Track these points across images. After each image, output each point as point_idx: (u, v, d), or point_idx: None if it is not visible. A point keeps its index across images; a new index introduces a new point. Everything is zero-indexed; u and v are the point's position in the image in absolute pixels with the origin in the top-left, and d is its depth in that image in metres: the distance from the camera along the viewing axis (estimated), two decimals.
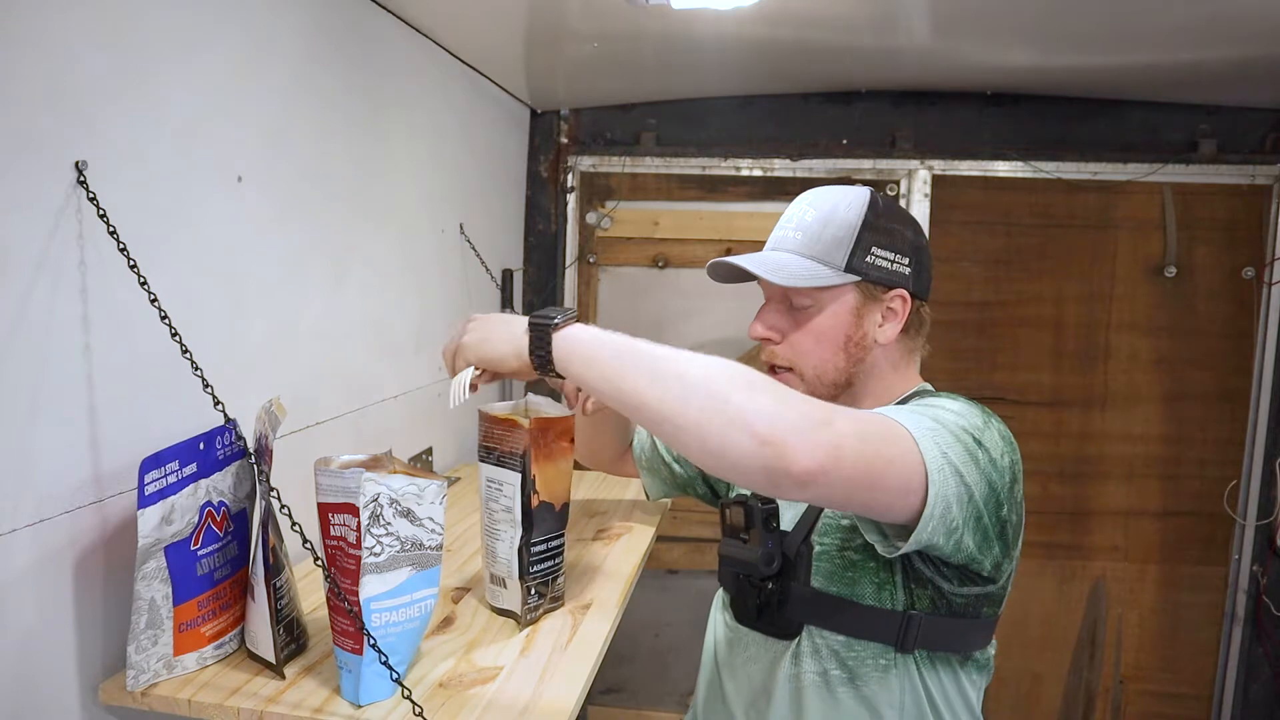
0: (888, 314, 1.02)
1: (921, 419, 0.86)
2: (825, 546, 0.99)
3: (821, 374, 1.02)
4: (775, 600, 1.00)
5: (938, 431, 0.85)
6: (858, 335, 1.01)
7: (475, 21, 1.61)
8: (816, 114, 2.22)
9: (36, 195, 0.78)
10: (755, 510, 1.00)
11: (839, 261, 0.99)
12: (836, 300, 1.01)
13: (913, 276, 1.02)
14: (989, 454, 0.88)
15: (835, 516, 0.99)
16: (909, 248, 1.02)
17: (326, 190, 1.29)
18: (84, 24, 0.82)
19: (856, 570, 0.97)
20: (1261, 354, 2.18)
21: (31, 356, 0.78)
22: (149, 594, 0.83)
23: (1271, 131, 2.13)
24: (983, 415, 0.93)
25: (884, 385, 1.05)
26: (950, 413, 0.90)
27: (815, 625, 0.99)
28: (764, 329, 1.04)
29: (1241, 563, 2.23)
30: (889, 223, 1.01)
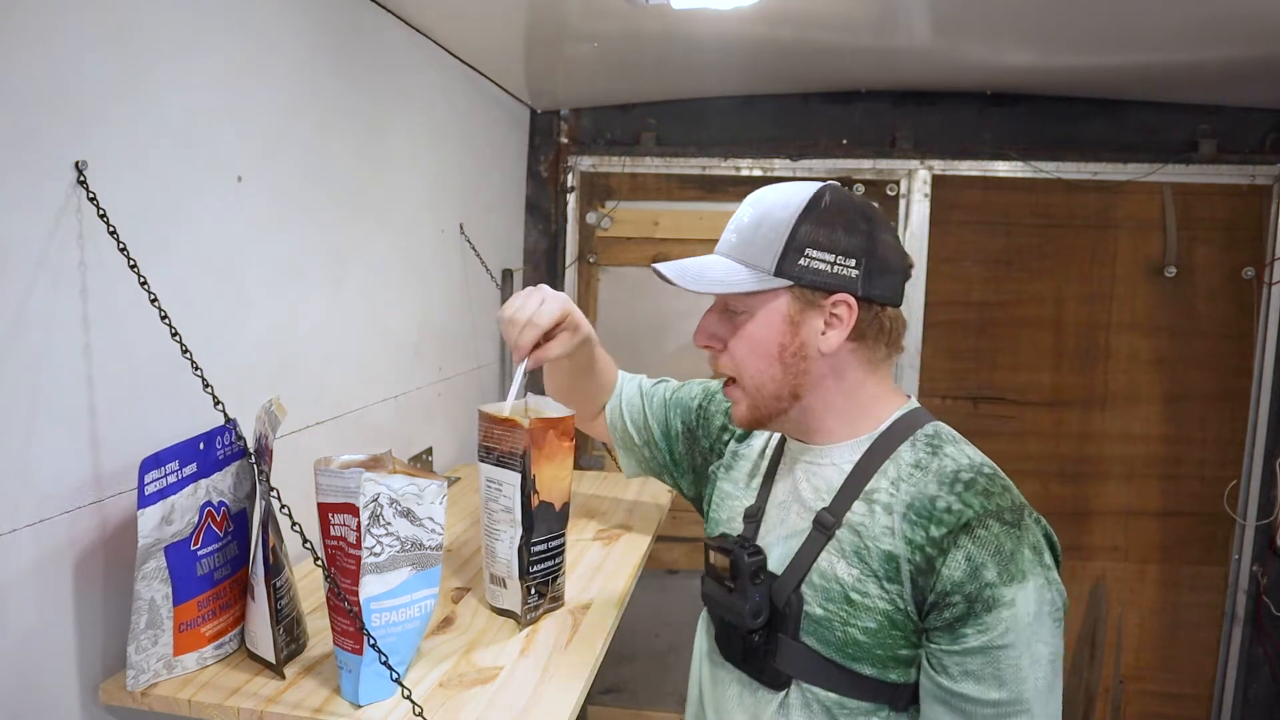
0: (831, 321, 0.91)
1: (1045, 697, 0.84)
2: (827, 613, 0.89)
3: (760, 385, 0.94)
4: (762, 650, 0.93)
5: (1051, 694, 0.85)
6: (794, 344, 0.92)
7: (475, 21, 1.61)
8: (816, 114, 2.22)
9: (36, 195, 0.78)
10: (742, 562, 0.93)
11: (768, 265, 0.90)
12: (768, 307, 0.92)
13: (862, 280, 0.90)
14: (1061, 629, 0.87)
15: (841, 584, 0.89)
16: (857, 248, 0.90)
17: (326, 190, 1.29)
18: (84, 24, 0.82)
19: (859, 649, 0.88)
20: (1261, 354, 2.18)
21: (31, 356, 0.78)
22: (149, 594, 0.83)
23: (1271, 131, 2.13)
24: (1047, 554, 0.87)
25: (848, 402, 0.95)
26: (1039, 626, 0.84)
27: (805, 682, 0.91)
28: (704, 337, 0.97)
29: (1241, 563, 2.23)
30: (833, 222, 0.90)
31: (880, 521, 0.88)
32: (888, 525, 0.87)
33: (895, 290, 0.93)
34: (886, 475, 0.90)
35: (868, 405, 0.95)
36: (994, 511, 0.84)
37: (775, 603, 0.92)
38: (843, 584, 0.89)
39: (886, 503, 0.88)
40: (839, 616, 0.89)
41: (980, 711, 0.83)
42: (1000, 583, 0.82)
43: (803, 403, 0.94)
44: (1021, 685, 0.82)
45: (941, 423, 0.96)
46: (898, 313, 0.95)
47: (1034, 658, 0.83)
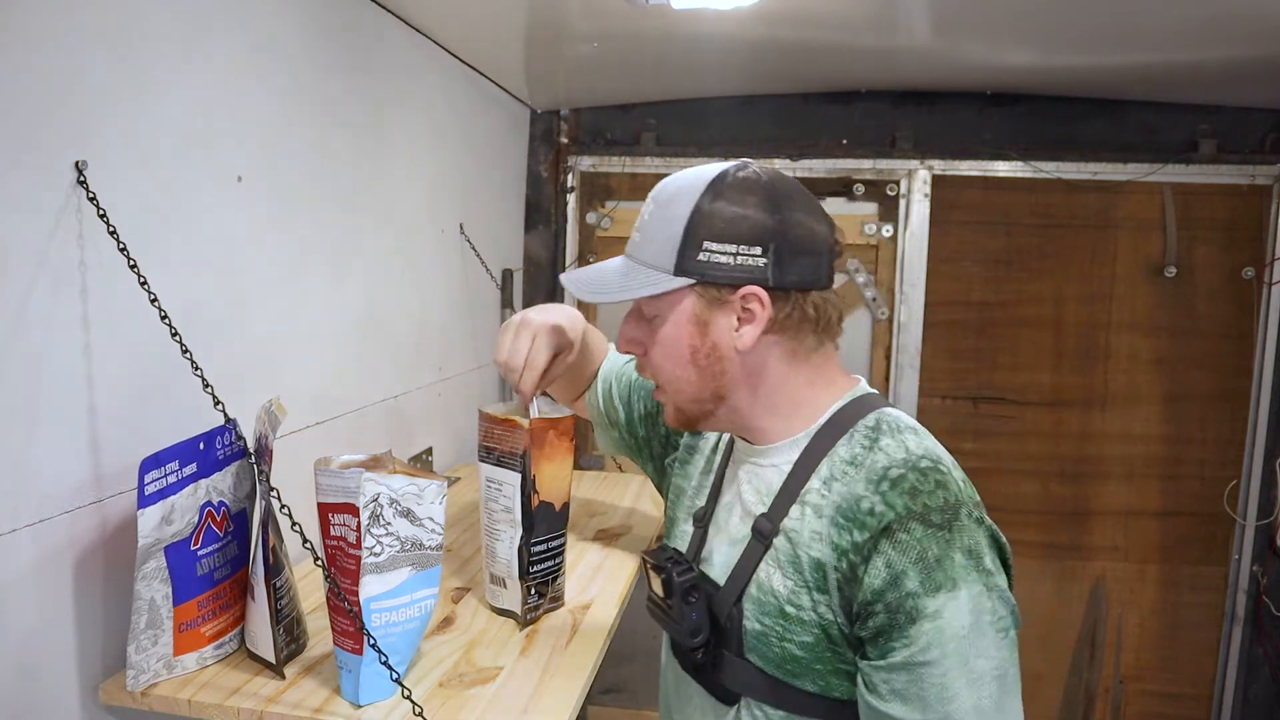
0: (744, 316, 0.84)
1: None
2: (764, 628, 0.84)
3: (678, 390, 0.89)
4: (709, 666, 0.89)
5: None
6: (705, 346, 0.85)
7: (475, 21, 1.61)
8: (816, 114, 2.22)
9: (36, 195, 0.78)
10: (673, 581, 0.87)
11: (668, 264, 0.83)
12: (675, 309, 0.85)
13: (772, 268, 0.82)
14: (1010, 632, 0.77)
15: (777, 597, 0.83)
16: (763, 234, 0.81)
17: (326, 190, 1.29)
18: (85, 24, 0.82)
19: (798, 665, 0.83)
20: (1261, 354, 2.18)
21: (31, 356, 0.78)
22: (149, 594, 0.83)
23: (1271, 131, 2.12)
24: (989, 558, 0.78)
25: (778, 399, 0.88)
26: (979, 643, 0.75)
27: (753, 699, 0.87)
28: (624, 343, 0.92)
29: (1241, 563, 2.23)
30: (733, 207, 0.82)
31: (810, 526, 0.82)
32: (817, 530, 0.81)
33: (817, 272, 0.84)
34: (820, 475, 0.84)
35: (802, 399, 0.88)
36: (918, 513, 0.77)
37: (717, 618, 0.87)
38: (778, 596, 0.83)
39: (817, 505, 0.82)
40: (775, 631, 0.83)
41: None
42: (924, 592, 0.74)
43: (728, 403, 0.88)
44: (948, 706, 0.74)
45: (890, 409, 0.88)
46: (827, 295, 0.86)
47: (972, 676, 0.74)
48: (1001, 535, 0.81)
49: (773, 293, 0.83)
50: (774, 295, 0.83)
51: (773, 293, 0.83)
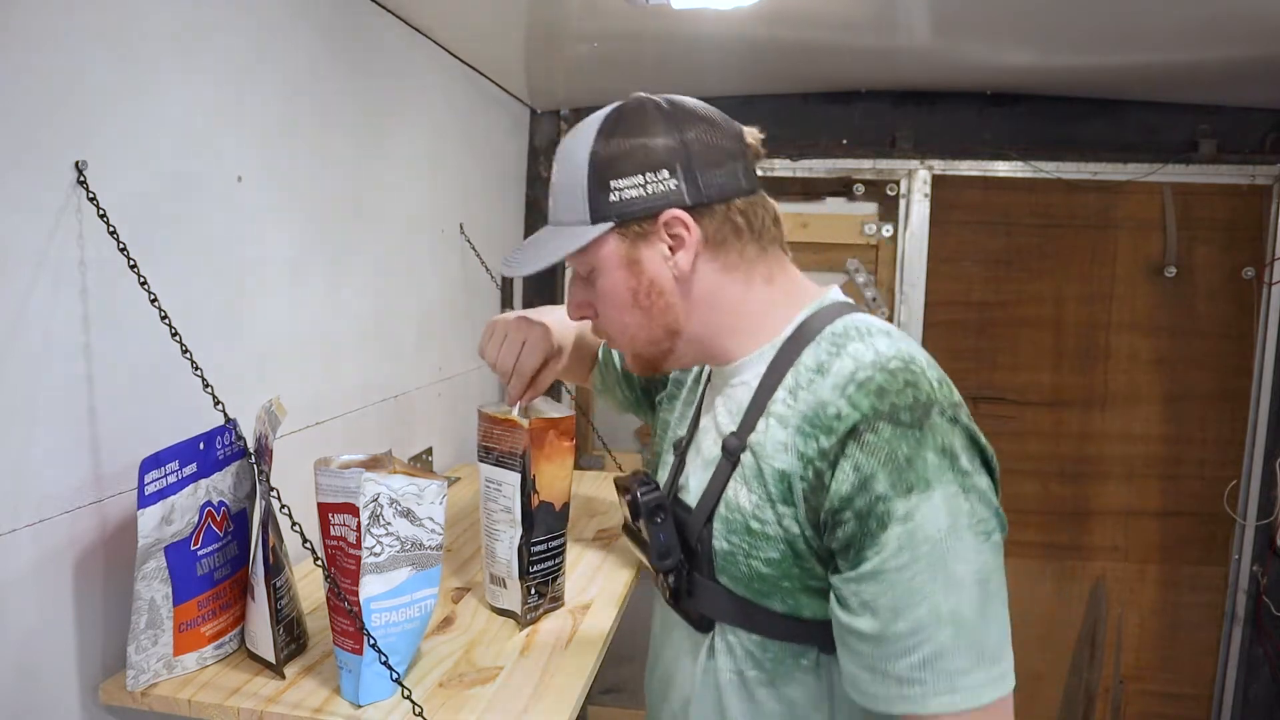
0: (673, 243, 0.81)
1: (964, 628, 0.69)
2: (732, 546, 0.82)
3: (631, 336, 0.86)
4: (683, 590, 0.87)
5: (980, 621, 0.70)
6: (643, 285, 0.82)
7: (475, 21, 1.61)
8: (816, 114, 2.22)
9: (36, 195, 0.78)
10: (638, 501, 0.86)
11: (583, 215, 0.82)
12: (602, 257, 0.83)
13: (685, 187, 0.79)
14: (988, 525, 0.73)
15: (742, 513, 0.80)
16: (665, 157, 0.79)
17: (326, 190, 1.29)
18: (85, 24, 0.82)
19: (765, 583, 0.81)
20: (1261, 354, 2.18)
21: (31, 356, 0.78)
22: (149, 594, 0.83)
23: (1271, 131, 2.12)
24: (966, 458, 0.73)
25: (737, 318, 0.84)
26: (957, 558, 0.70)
27: (726, 623, 0.85)
28: (574, 309, 0.90)
29: (1241, 563, 2.23)
30: (629, 141, 0.80)
31: (775, 437, 0.78)
32: (782, 441, 0.78)
33: (734, 179, 0.81)
34: (786, 385, 0.80)
35: (762, 313, 0.85)
36: (886, 413, 0.72)
37: (689, 540, 0.85)
38: (744, 513, 0.80)
39: (783, 415, 0.79)
40: (741, 549, 0.81)
41: (877, 651, 0.71)
42: (894, 494, 0.70)
43: (685, 336, 0.85)
44: (918, 611, 0.69)
45: (860, 314, 0.83)
46: (754, 201, 0.83)
47: (950, 580, 0.69)
48: (982, 438, 0.76)
49: (694, 211, 0.80)
50: (696, 213, 0.80)
51: (694, 211, 0.80)
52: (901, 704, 0.70)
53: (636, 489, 0.87)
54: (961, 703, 0.69)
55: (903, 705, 0.70)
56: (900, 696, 0.70)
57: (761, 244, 0.84)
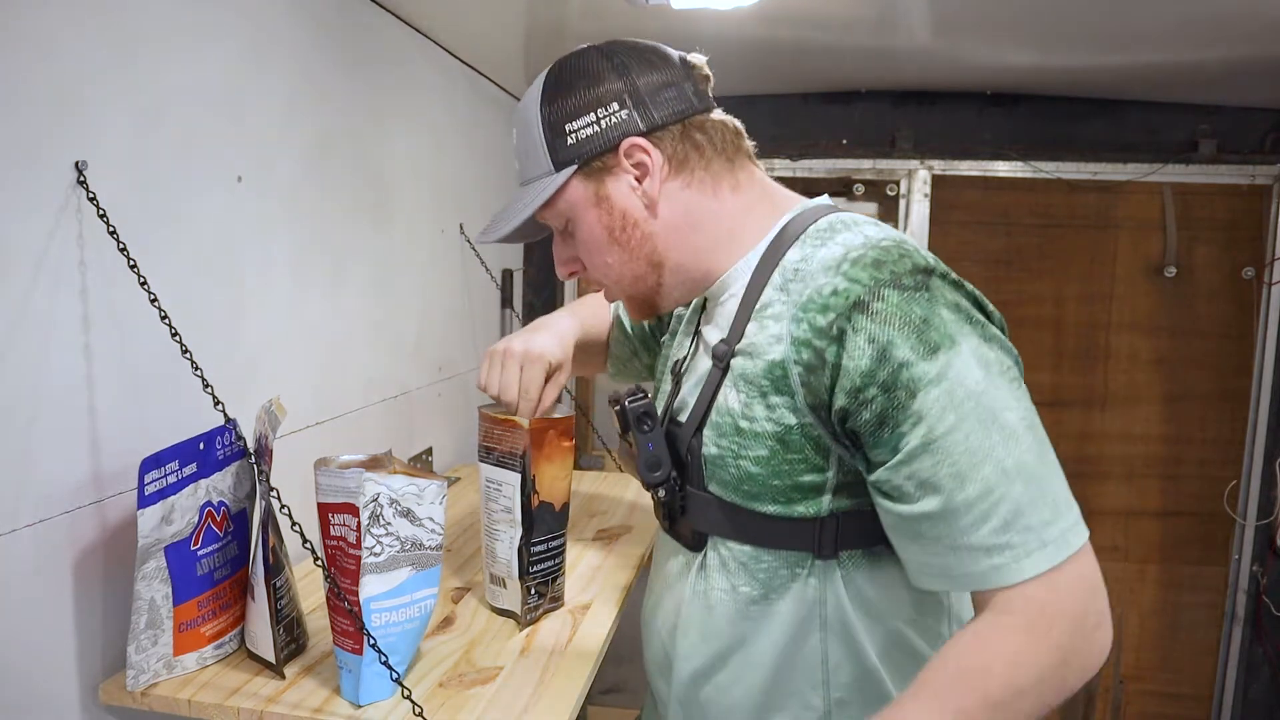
0: (637, 171, 0.81)
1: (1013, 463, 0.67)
2: (720, 450, 0.80)
3: (618, 277, 0.86)
4: (677, 507, 0.86)
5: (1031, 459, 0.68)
6: (616, 220, 0.83)
7: (475, 21, 1.61)
8: (816, 114, 2.22)
9: (36, 195, 0.78)
10: (626, 411, 0.85)
11: (546, 166, 0.83)
12: (575, 204, 0.84)
13: (637, 114, 0.80)
14: (1009, 358, 0.72)
15: (731, 414, 0.79)
16: (611, 91, 0.80)
17: (326, 190, 1.29)
18: (84, 24, 0.82)
19: (755, 484, 0.78)
20: (1261, 354, 2.18)
21: (31, 356, 0.78)
22: (149, 594, 0.83)
23: (1271, 131, 2.13)
24: (977, 310, 0.73)
25: (716, 235, 0.84)
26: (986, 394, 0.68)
27: (718, 536, 0.84)
28: (562, 266, 0.90)
29: (1241, 563, 2.23)
30: (573, 84, 0.81)
31: (769, 333, 0.77)
32: (776, 334, 0.76)
33: (683, 98, 0.82)
34: (773, 284, 0.79)
35: (739, 223, 0.84)
36: (888, 280, 0.70)
37: (679, 453, 0.85)
38: (733, 414, 0.79)
39: (776, 312, 0.77)
40: (730, 451, 0.79)
41: (952, 528, 0.67)
42: (919, 358, 0.67)
43: (669, 266, 0.85)
44: (982, 469, 0.66)
45: (848, 213, 0.82)
46: (709, 117, 0.83)
47: (1005, 431, 0.67)
48: (982, 296, 0.75)
49: (651, 136, 0.81)
50: (654, 138, 0.81)
51: (651, 136, 0.81)
52: (996, 576, 0.67)
53: (625, 398, 0.87)
54: (1056, 554, 0.66)
55: (997, 578, 0.67)
56: (992, 568, 0.67)
57: (726, 156, 0.84)
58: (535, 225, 0.90)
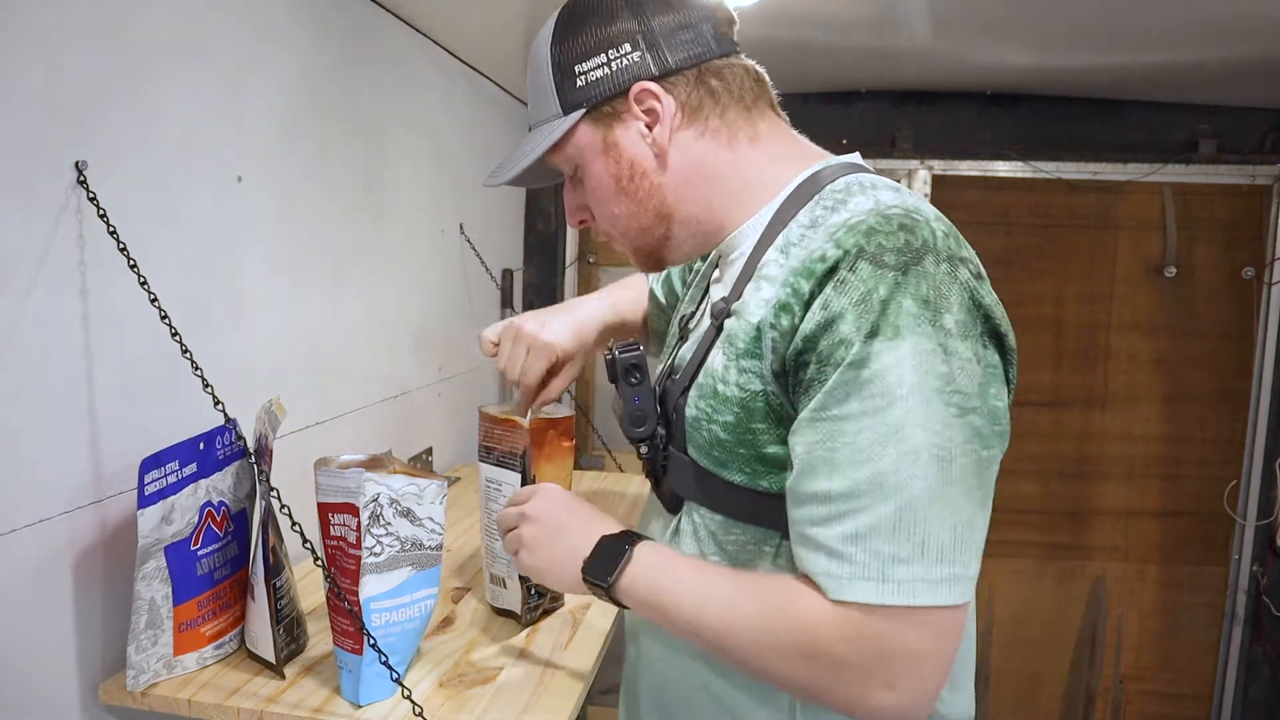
0: (648, 118, 0.77)
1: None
2: (698, 411, 0.76)
3: (625, 229, 0.81)
4: (659, 466, 0.82)
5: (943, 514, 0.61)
6: (626, 169, 0.78)
7: (475, 21, 1.61)
8: (816, 114, 2.22)
9: (36, 195, 0.78)
10: (615, 361, 0.82)
11: (556, 108, 0.79)
12: (583, 150, 0.79)
13: (650, 56, 0.75)
14: (975, 399, 0.63)
15: (713, 376, 0.74)
16: (624, 31, 0.75)
17: (326, 190, 1.29)
18: (84, 24, 0.82)
19: (723, 450, 0.74)
20: (1261, 354, 2.18)
21: (31, 356, 0.78)
22: (149, 594, 0.83)
23: (1271, 131, 2.13)
24: (955, 315, 0.63)
25: (729, 188, 0.79)
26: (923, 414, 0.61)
27: (692, 501, 0.80)
28: (571, 215, 0.86)
29: (1241, 563, 2.23)
30: (584, 24, 0.77)
31: (762, 294, 0.72)
32: (767, 297, 0.71)
33: (702, 42, 0.76)
34: (777, 246, 0.74)
35: (753, 177, 0.79)
36: (871, 253, 0.64)
37: (668, 412, 0.81)
38: (714, 376, 0.74)
39: (772, 275, 0.72)
40: (705, 413, 0.74)
41: (807, 513, 0.64)
42: (857, 336, 0.62)
43: (678, 219, 0.80)
44: (857, 471, 0.61)
45: (870, 175, 0.76)
46: (728, 61, 0.78)
47: (902, 445, 0.60)
48: (996, 306, 0.67)
49: (664, 81, 0.76)
50: (667, 83, 0.76)
51: (664, 81, 0.76)
52: (827, 583, 0.62)
53: (616, 348, 0.83)
54: (890, 595, 0.60)
55: (827, 584, 0.62)
56: (826, 574, 0.62)
57: (744, 105, 0.78)
58: (546, 170, 0.86)
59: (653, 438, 0.82)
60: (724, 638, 0.68)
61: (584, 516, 0.82)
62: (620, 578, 0.74)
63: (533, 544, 0.82)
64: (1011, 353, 0.68)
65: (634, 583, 0.74)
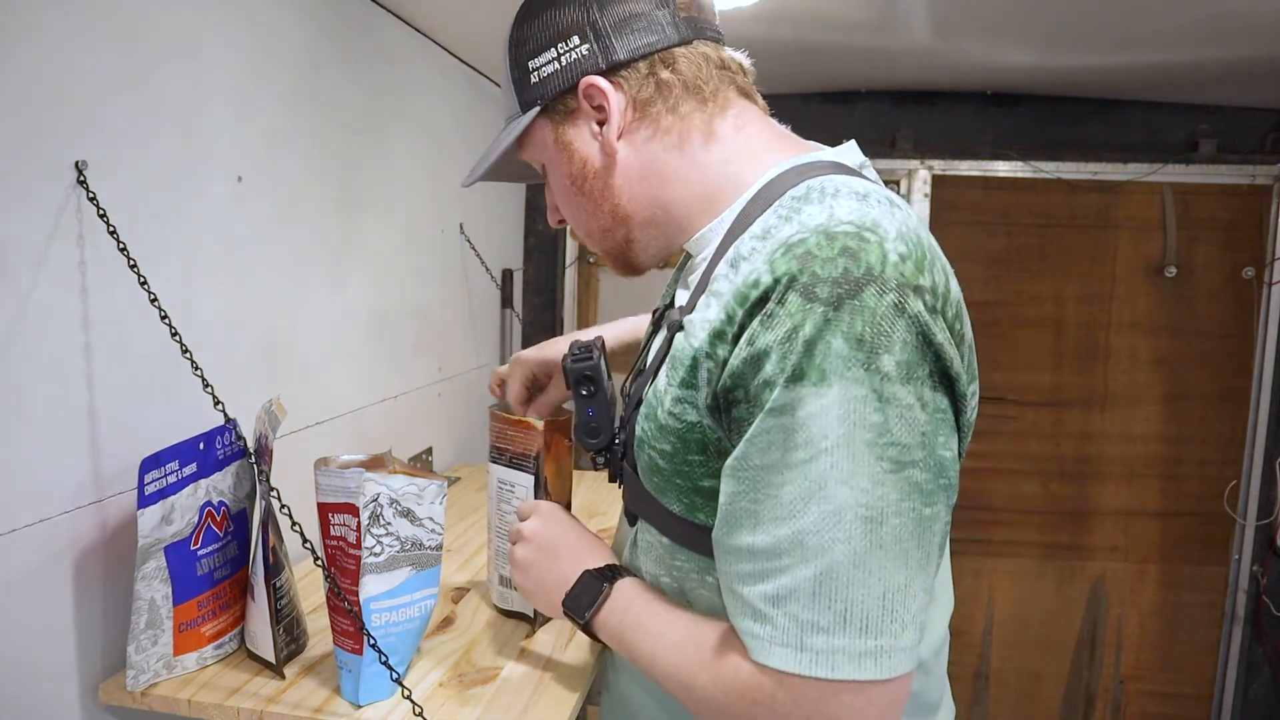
0: (600, 114, 0.73)
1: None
2: (642, 433, 0.71)
3: (587, 230, 0.79)
4: (616, 478, 0.79)
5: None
6: (579, 168, 0.75)
7: (475, 21, 1.61)
8: (816, 114, 2.22)
9: (36, 195, 0.78)
10: (567, 370, 0.80)
11: (516, 106, 0.76)
12: (543, 149, 0.77)
13: (597, 50, 0.71)
14: (916, 451, 0.57)
15: (658, 398, 0.68)
16: (572, 23, 0.71)
17: (326, 190, 1.29)
18: (84, 24, 0.82)
19: (661, 478, 0.70)
20: (1261, 354, 2.18)
21: (31, 356, 0.78)
22: (149, 594, 0.83)
23: (1271, 131, 2.13)
24: (896, 356, 0.56)
25: (689, 188, 0.73)
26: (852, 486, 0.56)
27: (645, 520, 0.76)
28: (551, 214, 0.84)
29: (1241, 563, 2.23)
30: (536, 16, 0.74)
31: (705, 315, 0.65)
32: (709, 319, 0.64)
33: (655, 31, 0.71)
34: (728, 258, 0.67)
35: (713, 177, 0.73)
36: (802, 283, 0.57)
37: (628, 422, 0.76)
38: (658, 397, 0.69)
39: (719, 290, 0.65)
40: (648, 436, 0.70)
41: (733, 569, 0.60)
42: (780, 379, 0.56)
43: (638, 219, 0.75)
44: (779, 529, 0.56)
45: (841, 177, 0.66)
46: (692, 49, 0.72)
47: (828, 505, 0.55)
48: (950, 349, 0.58)
49: (613, 75, 0.71)
50: (616, 78, 0.71)
51: (613, 75, 0.71)
52: (750, 643, 0.59)
53: (568, 356, 0.80)
54: (807, 666, 0.56)
55: (750, 644, 0.59)
56: (749, 634, 0.59)
57: (700, 97, 0.72)
58: (525, 166, 0.84)
59: (609, 449, 0.78)
60: (667, 684, 0.68)
61: (573, 544, 0.81)
62: (596, 615, 0.76)
63: (524, 565, 0.83)
64: (964, 398, 0.61)
65: (607, 619, 0.76)
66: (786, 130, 0.79)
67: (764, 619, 0.58)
